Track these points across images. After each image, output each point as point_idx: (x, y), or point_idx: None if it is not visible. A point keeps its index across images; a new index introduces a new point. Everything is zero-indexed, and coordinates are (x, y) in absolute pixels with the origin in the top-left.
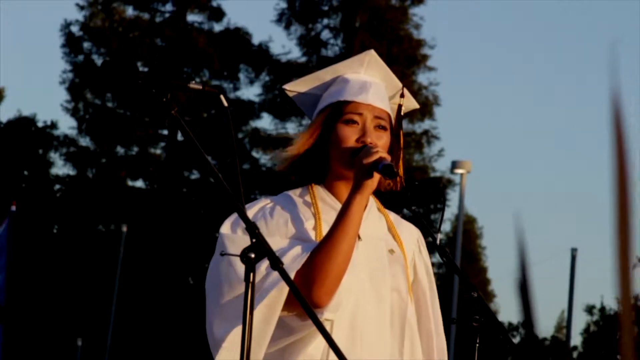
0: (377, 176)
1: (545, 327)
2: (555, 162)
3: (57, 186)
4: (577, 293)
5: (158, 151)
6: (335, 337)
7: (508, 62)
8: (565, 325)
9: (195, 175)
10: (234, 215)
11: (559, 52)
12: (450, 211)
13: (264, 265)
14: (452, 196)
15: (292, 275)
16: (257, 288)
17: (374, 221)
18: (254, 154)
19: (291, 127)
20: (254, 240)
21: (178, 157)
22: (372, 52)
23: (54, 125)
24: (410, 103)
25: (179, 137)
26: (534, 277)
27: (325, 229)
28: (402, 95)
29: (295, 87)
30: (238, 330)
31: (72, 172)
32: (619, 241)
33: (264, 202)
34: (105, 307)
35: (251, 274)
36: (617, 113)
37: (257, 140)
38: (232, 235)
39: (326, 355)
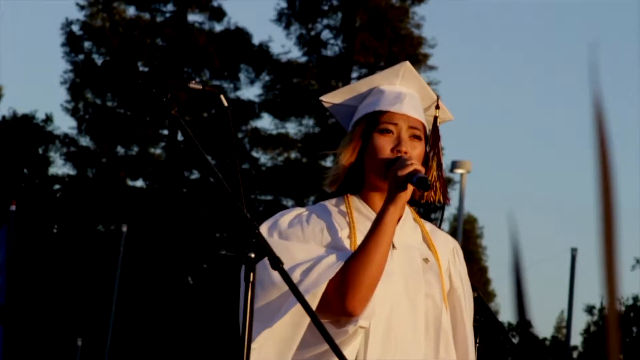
0: (410, 188)
1: (545, 327)
2: (556, 162)
3: (57, 186)
4: (577, 293)
5: (158, 151)
6: (370, 344)
7: (509, 62)
8: (565, 325)
9: (195, 175)
10: (271, 220)
11: (560, 52)
12: (450, 211)
13: (298, 271)
14: (452, 195)
15: (325, 283)
16: (290, 293)
17: (409, 230)
18: (254, 154)
19: (291, 127)
20: (253, 240)
21: (178, 157)
22: (407, 63)
23: (49, 119)
24: (445, 115)
25: (179, 137)
26: (529, 276)
27: (359, 238)
28: (437, 107)
29: (331, 98)
30: (268, 331)
31: (72, 172)
32: (603, 241)
33: (300, 210)
34: (105, 307)
35: (251, 274)
36: (599, 113)
37: (257, 140)
38: (269, 239)
39: None
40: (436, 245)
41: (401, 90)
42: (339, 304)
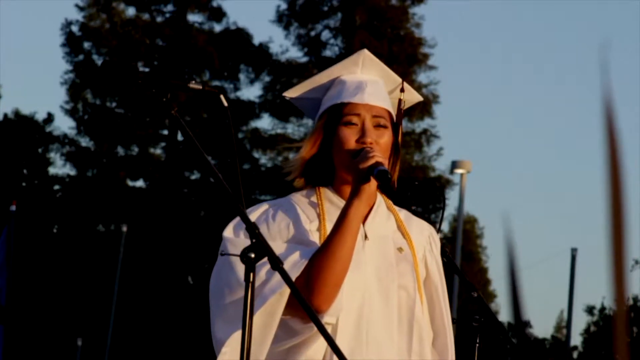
0: (374, 180)
1: (545, 327)
2: (556, 162)
3: (57, 186)
4: (577, 293)
5: (158, 151)
6: (340, 337)
7: (509, 61)
8: (565, 325)
9: (195, 175)
10: (237, 219)
11: (560, 52)
12: (450, 211)
13: (263, 270)
14: (452, 196)
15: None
16: (256, 293)
17: (382, 220)
18: (254, 154)
19: (291, 127)
20: (254, 240)
21: (178, 157)
22: (366, 50)
23: (50, 118)
24: (412, 96)
25: (179, 137)
26: (527, 277)
27: (329, 229)
28: (402, 90)
29: (295, 93)
30: (238, 333)
31: (72, 172)
32: (613, 241)
33: (267, 206)
34: (105, 307)
35: (251, 274)
36: (609, 113)
37: (257, 141)
38: (235, 239)
39: (328, 357)
40: (411, 233)
41: (362, 79)
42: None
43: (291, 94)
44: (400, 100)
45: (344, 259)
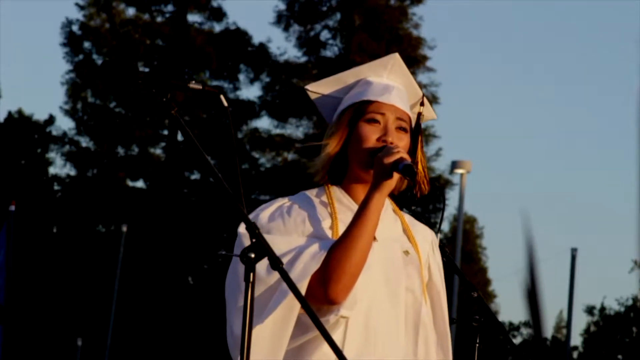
0: (396, 176)
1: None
2: (555, 162)
3: (57, 186)
4: (577, 293)
5: (158, 151)
6: (350, 336)
7: (508, 62)
8: (565, 325)
9: (195, 175)
10: (251, 215)
11: (559, 52)
12: (450, 211)
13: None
14: (452, 196)
15: (310, 275)
16: (276, 286)
17: (389, 222)
18: (254, 154)
19: (291, 128)
20: (254, 240)
21: (178, 157)
22: (397, 55)
23: (52, 119)
24: (429, 113)
25: (179, 137)
26: (541, 275)
27: (341, 229)
28: (421, 104)
29: (318, 88)
30: (258, 328)
31: (72, 172)
32: None
33: (282, 202)
34: (105, 307)
35: (251, 274)
36: None
37: (256, 141)
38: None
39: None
40: (416, 237)
41: (388, 83)
42: (321, 293)
43: (315, 88)
44: (419, 114)
45: (362, 249)
